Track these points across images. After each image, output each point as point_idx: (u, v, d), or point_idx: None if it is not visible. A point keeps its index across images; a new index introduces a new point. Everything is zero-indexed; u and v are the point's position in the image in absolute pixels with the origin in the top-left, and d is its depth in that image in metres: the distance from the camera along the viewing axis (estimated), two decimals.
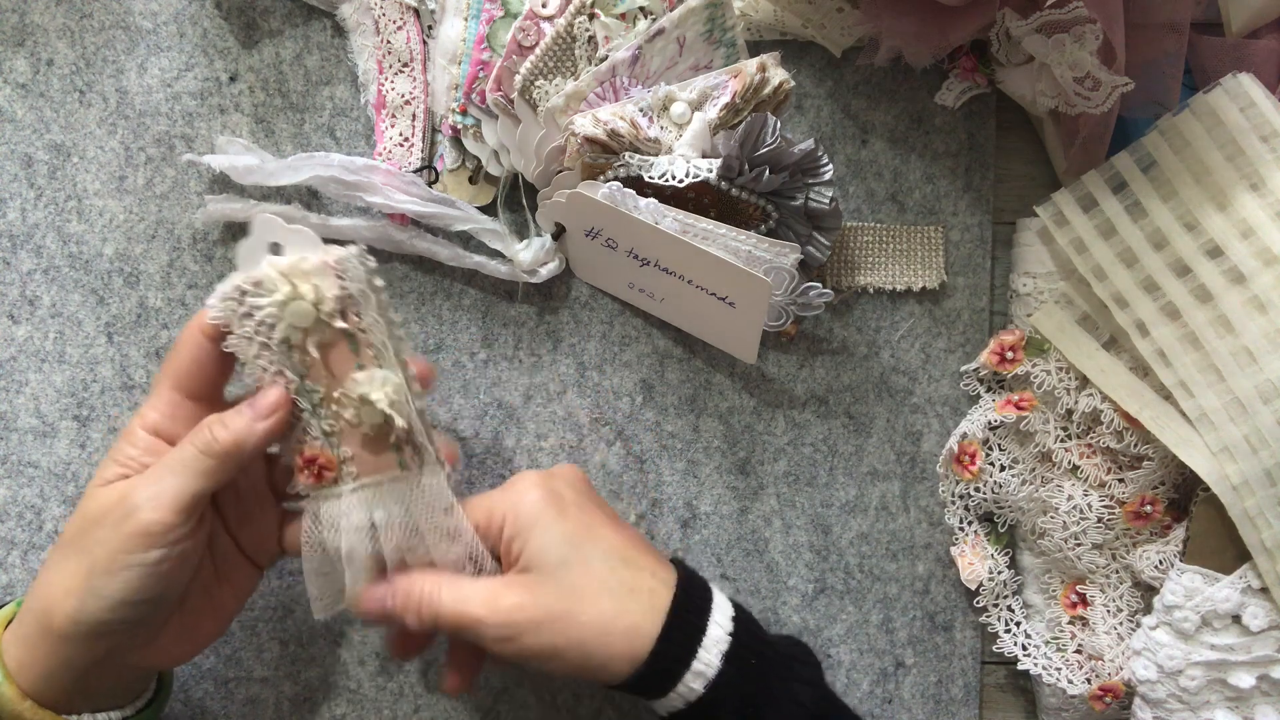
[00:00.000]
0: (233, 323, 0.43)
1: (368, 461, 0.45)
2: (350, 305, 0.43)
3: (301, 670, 0.55)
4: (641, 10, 0.51)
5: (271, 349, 0.43)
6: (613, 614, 0.44)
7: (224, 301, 0.43)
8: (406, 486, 0.45)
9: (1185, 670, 0.50)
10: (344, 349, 0.43)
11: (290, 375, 0.44)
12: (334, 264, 0.43)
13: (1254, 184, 0.50)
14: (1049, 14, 0.47)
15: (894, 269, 0.56)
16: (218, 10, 0.54)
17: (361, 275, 0.43)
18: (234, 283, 0.43)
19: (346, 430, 0.44)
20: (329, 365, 0.43)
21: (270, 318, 0.43)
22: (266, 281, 0.42)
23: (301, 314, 0.42)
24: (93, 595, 0.40)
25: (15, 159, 0.54)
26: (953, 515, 0.56)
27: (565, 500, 0.46)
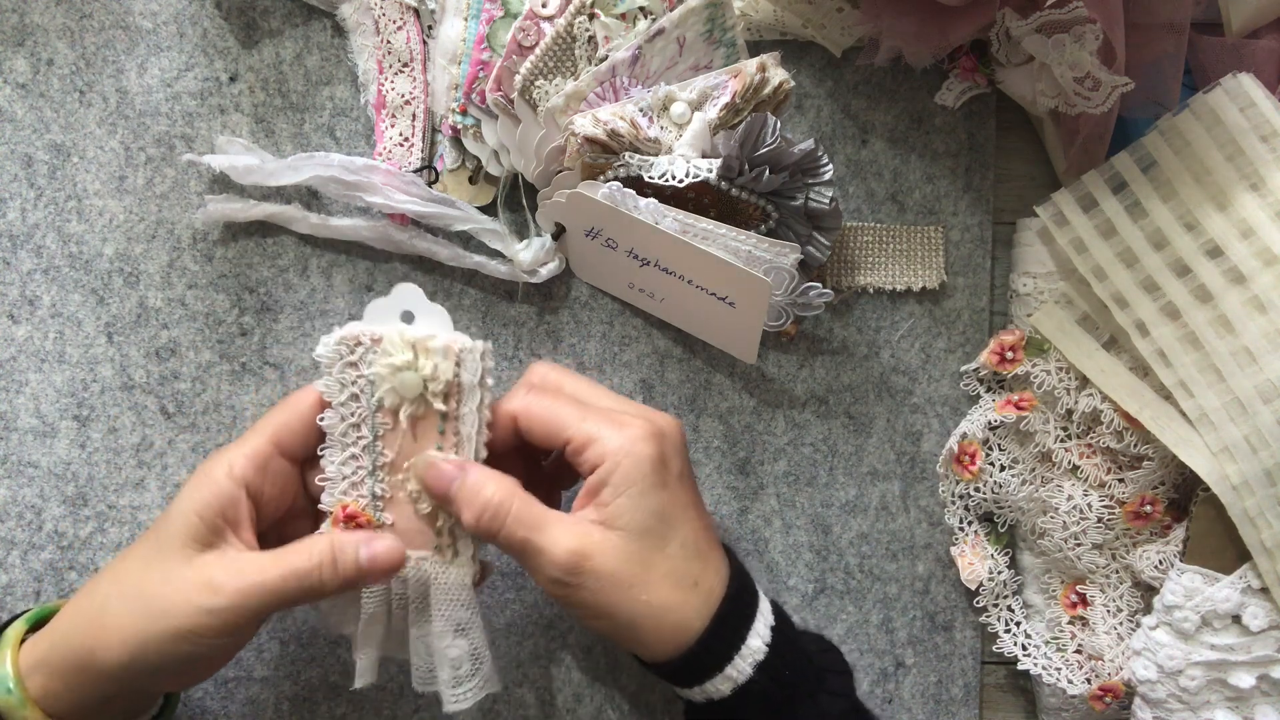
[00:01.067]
0: (335, 365, 0.44)
1: (406, 534, 0.45)
2: (455, 392, 0.44)
3: (301, 670, 0.55)
4: (641, 10, 0.51)
5: (360, 402, 0.44)
6: (672, 603, 0.43)
7: (337, 343, 0.44)
8: (433, 570, 0.45)
9: (1185, 670, 0.50)
10: (431, 428, 0.44)
11: (365, 432, 0.44)
12: (458, 350, 0.43)
13: (1254, 184, 0.50)
14: (1049, 14, 0.47)
15: (894, 269, 0.56)
16: (218, 10, 0.54)
17: (478, 369, 0.44)
18: (355, 331, 0.44)
19: (397, 499, 0.44)
20: (411, 437, 0.44)
21: (376, 376, 0.43)
22: (388, 343, 0.43)
23: (410, 385, 0.43)
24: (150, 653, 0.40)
25: (15, 159, 0.54)
26: (953, 515, 0.56)
27: (671, 470, 0.45)
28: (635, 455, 0.43)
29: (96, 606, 0.42)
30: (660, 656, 0.44)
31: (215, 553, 0.42)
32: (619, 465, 0.43)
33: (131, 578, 0.42)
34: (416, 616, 0.45)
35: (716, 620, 0.44)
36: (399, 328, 0.44)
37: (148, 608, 0.40)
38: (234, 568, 0.41)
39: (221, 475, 0.42)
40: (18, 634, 0.43)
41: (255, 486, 0.43)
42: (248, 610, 0.40)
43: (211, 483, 0.42)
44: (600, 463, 0.43)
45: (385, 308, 0.44)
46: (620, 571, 0.42)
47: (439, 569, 0.45)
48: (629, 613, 0.43)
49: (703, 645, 0.43)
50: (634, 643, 0.44)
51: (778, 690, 0.44)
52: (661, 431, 0.45)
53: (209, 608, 0.40)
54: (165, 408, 0.55)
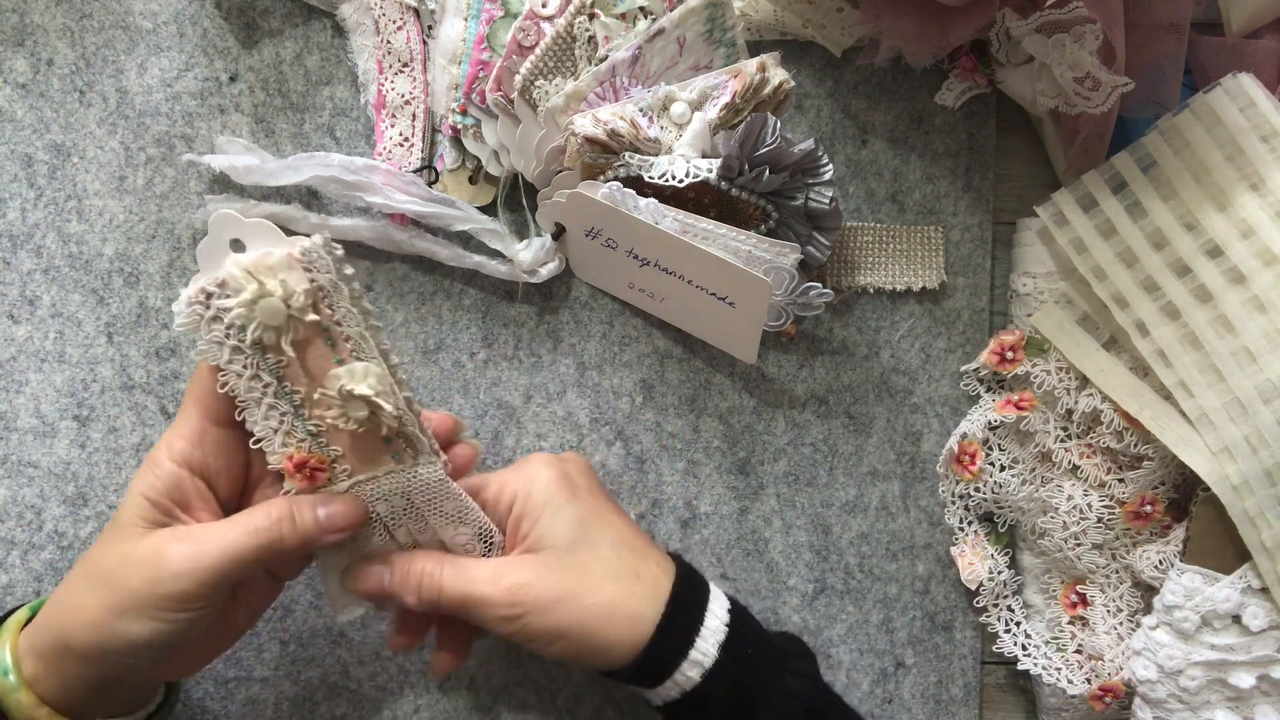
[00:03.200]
0: (200, 328, 0.42)
1: (360, 459, 0.44)
2: (322, 298, 0.41)
3: (301, 670, 0.55)
4: (641, 10, 0.51)
5: (244, 352, 0.42)
6: (618, 598, 0.44)
7: (189, 306, 0.41)
8: (404, 477, 0.44)
9: (1185, 670, 0.50)
10: (320, 345, 0.42)
11: (266, 378, 0.42)
12: (300, 256, 0.41)
13: (1254, 184, 0.50)
14: (1049, 14, 0.47)
15: (894, 269, 0.56)
16: (218, 10, 0.54)
17: (330, 265, 0.41)
18: (198, 285, 0.41)
19: (333, 430, 0.43)
20: (306, 363, 0.42)
21: (239, 319, 0.41)
22: (231, 281, 0.41)
23: (272, 311, 0.41)
24: (115, 634, 0.40)
25: (15, 159, 0.54)
26: (953, 515, 0.56)
27: (577, 484, 0.47)
28: (538, 481, 0.46)
29: (67, 592, 0.42)
30: (625, 654, 0.44)
31: (167, 529, 0.42)
32: (528, 495, 0.46)
33: (93, 561, 0.42)
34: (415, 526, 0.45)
35: (670, 604, 0.44)
36: (233, 259, 0.41)
37: (106, 587, 0.41)
38: (185, 537, 0.41)
39: (163, 457, 0.43)
40: (19, 621, 0.43)
41: (198, 462, 0.43)
42: (204, 577, 0.40)
43: (154, 465, 0.42)
44: (514, 500, 0.46)
45: (211, 247, 0.41)
46: (559, 586, 0.44)
47: (408, 476, 0.44)
48: (580, 620, 0.43)
49: (661, 631, 0.44)
50: (597, 651, 0.44)
51: (743, 672, 0.45)
52: (560, 458, 0.49)
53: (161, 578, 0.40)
54: (165, 408, 0.55)
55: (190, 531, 0.41)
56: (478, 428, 0.56)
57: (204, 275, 0.42)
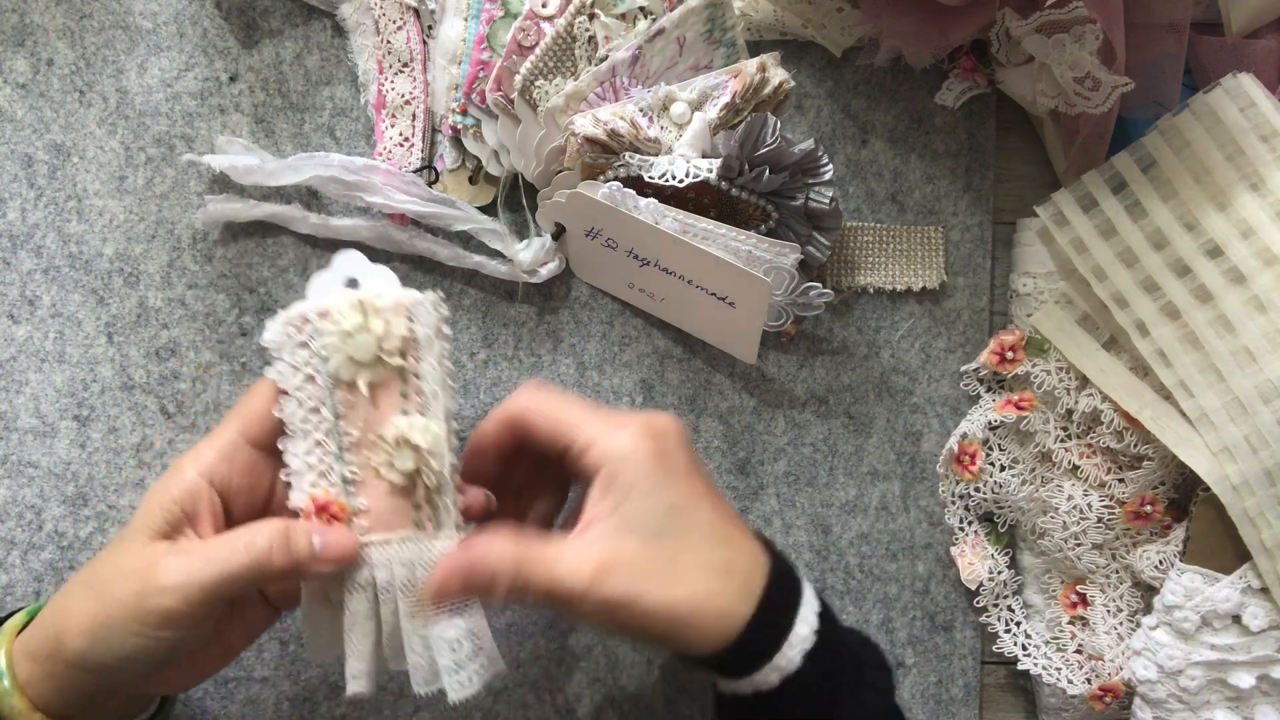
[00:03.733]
0: (285, 349, 0.42)
1: (382, 516, 0.43)
2: (412, 348, 0.42)
3: (301, 670, 0.55)
4: (641, 10, 0.51)
5: (316, 382, 0.42)
6: (707, 595, 0.42)
7: (284, 325, 0.42)
8: (417, 548, 0.43)
9: (1185, 670, 0.50)
10: (393, 392, 0.42)
11: (326, 414, 0.42)
12: (408, 304, 0.42)
13: (1254, 184, 0.50)
14: (1049, 14, 0.47)
15: (894, 269, 0.56)
16: (218, 10, 0.54)
17: (433, 321, 0.42)
18: (299, 310, 0.42)
19: (368, 480, 0.43)
20: (372, 407, 0.42)
21: (328, 349, 0.41)
22: (335, 313, 0.41)
23: (363, 347, 0.41)
24: (103, 644, 0.40)
25: (15, 159, 0.54)
26: (953, 515, 0.56)
27: (674, 463, 0.43)
28: (633, 456, 0.43)
29: (65, 595, 0.42)
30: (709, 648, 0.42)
31: (167, 541, 0.41)
32: (619, 470, 0.42)
33: (95, 567, 0.42)
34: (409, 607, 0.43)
35: (762, 606, 0.42)
36: (344, 293, 0.42)
37: (98, 595, 0.40)
38: (179, 550, 0.40)
39: (188, 468, 0.42)
40: (15, 625, 0.43)
41: (222, 478, 0.42)
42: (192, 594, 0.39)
43: (176, 475, 0.42)
44: (601, 466, 0.43)
45: (328, 279, 0.43)
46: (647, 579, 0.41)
47: (423, 546, 0.43)
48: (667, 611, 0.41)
49: (751, 632, 0.42)
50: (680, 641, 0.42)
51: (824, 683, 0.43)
52: (659, 429, 0.44)
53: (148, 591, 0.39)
54: (165, 408, 0.55)
55: (185, 546, 0.41)
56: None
57: (309, 302, 0.42)
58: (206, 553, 0.40)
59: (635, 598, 0.41)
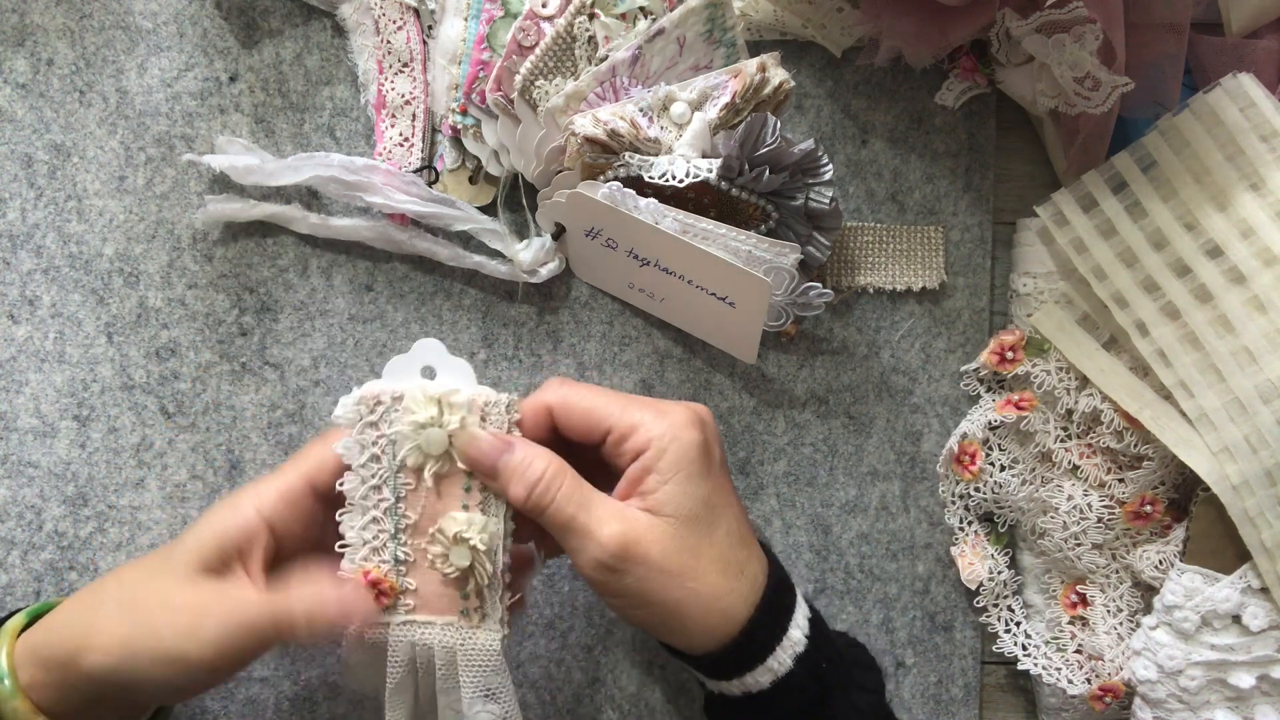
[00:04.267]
0: (355, 426, 0.43)
1: (429, 599, 0.43)
2: None
3: (301, 670, 0.55)
4: (641, 10, 0.51)
5: (381, 462, 0.43)
6: (720, 591, 0.42)
7: (356, 404, 0.43)
8: (459, 635, 0.43)
9: (1185, 670, 0.50)
10: (457, 486, 0.43)
11: (387, 494, 0.43)
12: (483, 404, 0.43)
13: (1254, 184, 0.50)
14: (1049, 14, 0.47)
15: (894, 269, 0.56)
16: (218, 10, 0.54)
17: (504, 423, 0.43)
18: (374, 390, 0.43)
19: (421, 563, 0.43)
20: (434, 496, 0.43)
21: (399, 435, 0.42)
22: (410, 400, 0.42)
23: (435, 442, 0.42)
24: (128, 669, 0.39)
25: (15, 159, 0.54)
26: (953, 515, 0.56)
27: (714, 456, 0.44)
28: (681, 441, 0.43)
29: (92, 607, 0.41)
30: (703, 647, 0.43)
31: (217, 580, 0.41)
32: (665, 451, 0.42)
33: (132, 587, 0.41)
34: (444, 683, 0.44)
35: (761, 609, 0.43)
36: (421, 383, 0.43)
37: (137, 620, 0.40)
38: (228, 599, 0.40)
39: (249, 506, 0.42)
40: (16, 626, 0.43)
41: (282, 523, 0.42)
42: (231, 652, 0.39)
43: (236, 511, 0.42)
44: (644, 449, 0.43)
45: (405, 364, 0.43)
46: (670, 559, 0.41)
47: (466, 634, 0.43)
48: (677, 601, 0.42)
49: (747, 635, 0.43)
50: (677, 632, 0.43)
51: (814, 684, 0.44)
52: (703, 419, 0.44)
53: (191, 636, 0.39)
54: (165, 408, 0.55)
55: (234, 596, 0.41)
56: None
57: (383, 383, 0.43)
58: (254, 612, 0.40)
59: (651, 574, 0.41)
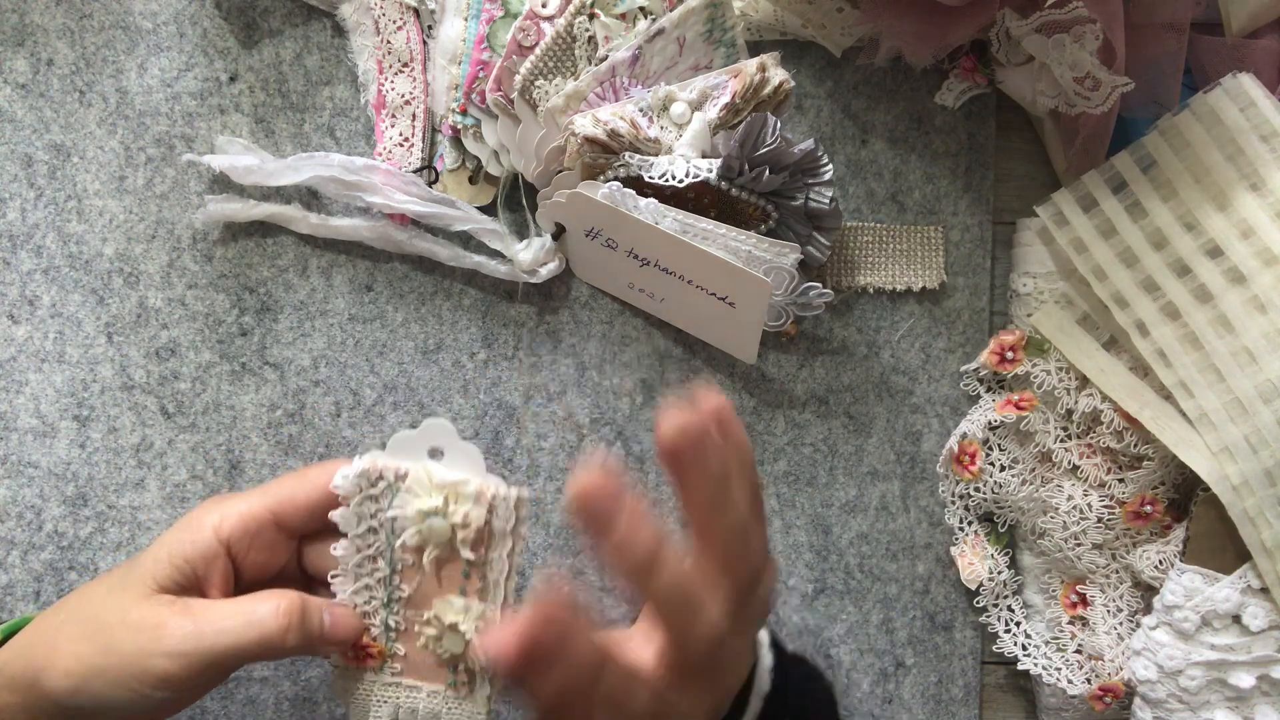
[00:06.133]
0: (354, 498, 0.41)
1: (418, 666, 0.43)
2: (485, 539, 0.42)
3: (301, 670, 0.55)
4: (641, 10, 0.51)
5: (379, 536, 0.42)
6: None
7: (358, 477, 0.41)
8: (447, 704, 0.43)
9: (1185, 670, 0.50)
10: (456, 572, 0.42)
11: (383, 566, 0.42)
12: (490, 498, 0.41)
13: (1254, 184, 0.50)
14: (1049, 14, 0.47)
15: (894, 269, 0.56)
16: (218, 10, 0.54)
17: (511, 517, 0.42)
18: (378, 465, 0.41)
19: (412, 635, 0.43)
20: (431, 578, 0.42)
21: (402, 518, 0.41)
22: (417, 484, 0.41)
23: (439, 532, 0.41)
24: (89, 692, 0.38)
25: (15, 159, 0.54)
26: (953, 515, 0.56)
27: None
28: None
29: (55, 626, 0.40)
30: None
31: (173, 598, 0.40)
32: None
33: (91, 606, 0.40)
34: None
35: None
36: (428, 467, 0.41)
37: (94, 641, 0.39)
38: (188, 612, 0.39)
39: (208, 527, 0.41)
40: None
41: (240, 549, 0.41)
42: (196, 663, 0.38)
43: (195, 531, 0.41)
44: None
45: (412, 442, 0.42)
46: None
47: (452, 704, 0.43)
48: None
49: None
50: None
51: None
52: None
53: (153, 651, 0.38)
54: (165, 408, 0.55)
55: (195, 607, 0.40)
56: (478, 428, 0.56)
57: (388, 458, 0.42)
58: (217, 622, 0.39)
59: None
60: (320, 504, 0.42)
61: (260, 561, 0.42)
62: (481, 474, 0.42)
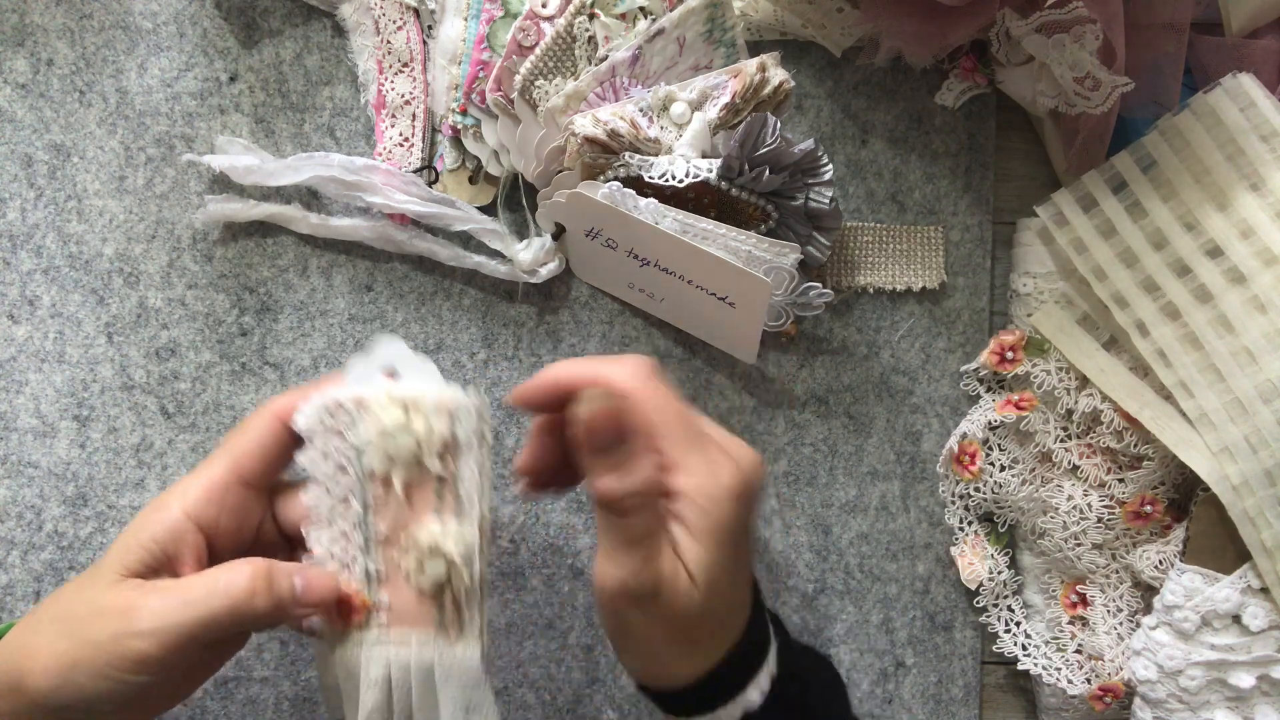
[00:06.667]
0: (318, 435, 0.41)
1: (404, 614, 0.41)
2: (451, 451, 0.40)
3: (301, 670, 0.55)
4: (641, 10, 0.51)
5: (348, 473, 0.41)
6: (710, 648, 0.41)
7: (319, 411, 0.40)
8: (436, 651, 0.41)
9: (1185, 670, 0.50)
10: (428, 492, 0.41)
11: (355, 505, 0.41)
12: (451, 406, 0.40)
13: (1254, 184, 0.50)
14: (1049, 14, 0.47)
15: (894, 269, 0.56)
16: (218, 10, 0.54)
17: (475, 424, 0.41)
18: (335, 397, 0.40)
19: (394, 577, 0.41)
20: (404, 505, 0.41)
21: (364, 443, 0.40)
22: (374, 405, 0.40)
23: (402, 448, 0.40)
24: (71, 685, 0.38)
25: (15, 159, 0.54)
26: (953, 515, 0.56)
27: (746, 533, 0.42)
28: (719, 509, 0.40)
29: (31, 628, 0.40)
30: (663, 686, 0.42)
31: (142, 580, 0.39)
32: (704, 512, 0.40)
33: (63, 603, 0.40)
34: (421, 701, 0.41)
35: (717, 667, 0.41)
36: (385, 386, 0.40)
37: (68, 634, 0.38)
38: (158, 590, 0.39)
39: (174, 506, 0.40)
40: None
41: (210, 519, 0.41)
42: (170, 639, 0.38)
43: (161, 511, 0.40)
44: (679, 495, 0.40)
45: (365, 365, 0.41)
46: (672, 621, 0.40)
47: (443, 649, 0.41)
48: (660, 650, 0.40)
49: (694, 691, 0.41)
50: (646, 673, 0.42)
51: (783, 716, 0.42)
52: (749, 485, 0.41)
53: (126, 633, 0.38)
54: (165, 408, 0.55)
55: (163, 585, 0.39)
56: None
57: (344, 389, 0.41)
58: (185, 595, 0.38)
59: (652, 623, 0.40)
60: (273, 444, 0.41)
61: (233, 527, 0.42)
62: (440, 385, 0.41)
